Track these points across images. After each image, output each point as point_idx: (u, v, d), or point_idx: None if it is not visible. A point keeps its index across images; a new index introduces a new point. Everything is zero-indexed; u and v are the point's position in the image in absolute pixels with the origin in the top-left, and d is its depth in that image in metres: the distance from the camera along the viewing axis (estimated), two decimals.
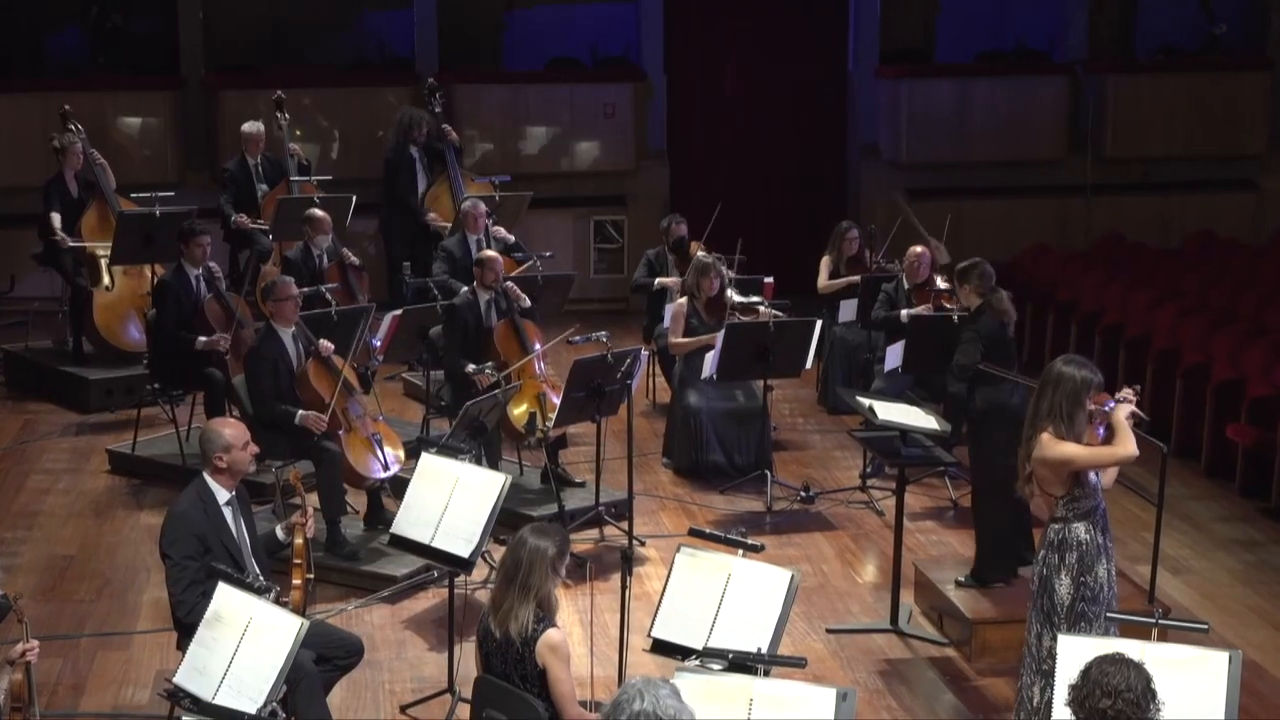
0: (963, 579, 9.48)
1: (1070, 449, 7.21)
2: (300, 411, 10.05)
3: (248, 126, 14.64)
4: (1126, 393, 7.51)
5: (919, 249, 12.58)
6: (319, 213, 12.82)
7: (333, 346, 10.47)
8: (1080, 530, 7.33)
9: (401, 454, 10.43)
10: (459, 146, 15.53)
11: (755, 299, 12.30)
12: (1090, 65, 18.01)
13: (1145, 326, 13.48)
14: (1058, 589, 7.34)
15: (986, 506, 9.46)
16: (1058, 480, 7.29)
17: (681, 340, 11.98)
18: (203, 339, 11.67)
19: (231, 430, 7.73)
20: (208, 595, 6.99)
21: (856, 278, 13.42)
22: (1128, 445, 7.24)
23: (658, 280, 13.55)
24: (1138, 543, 10.47)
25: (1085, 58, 18.12)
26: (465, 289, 11.52)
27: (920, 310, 12.21)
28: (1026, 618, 7.59)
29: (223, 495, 7.61)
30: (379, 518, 10.42)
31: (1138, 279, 14.83)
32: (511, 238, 13.67)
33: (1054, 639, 7.36)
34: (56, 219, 13.51)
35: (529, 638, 6.47)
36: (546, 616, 6.53)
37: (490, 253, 11.67)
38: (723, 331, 11.39)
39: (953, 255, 13.26)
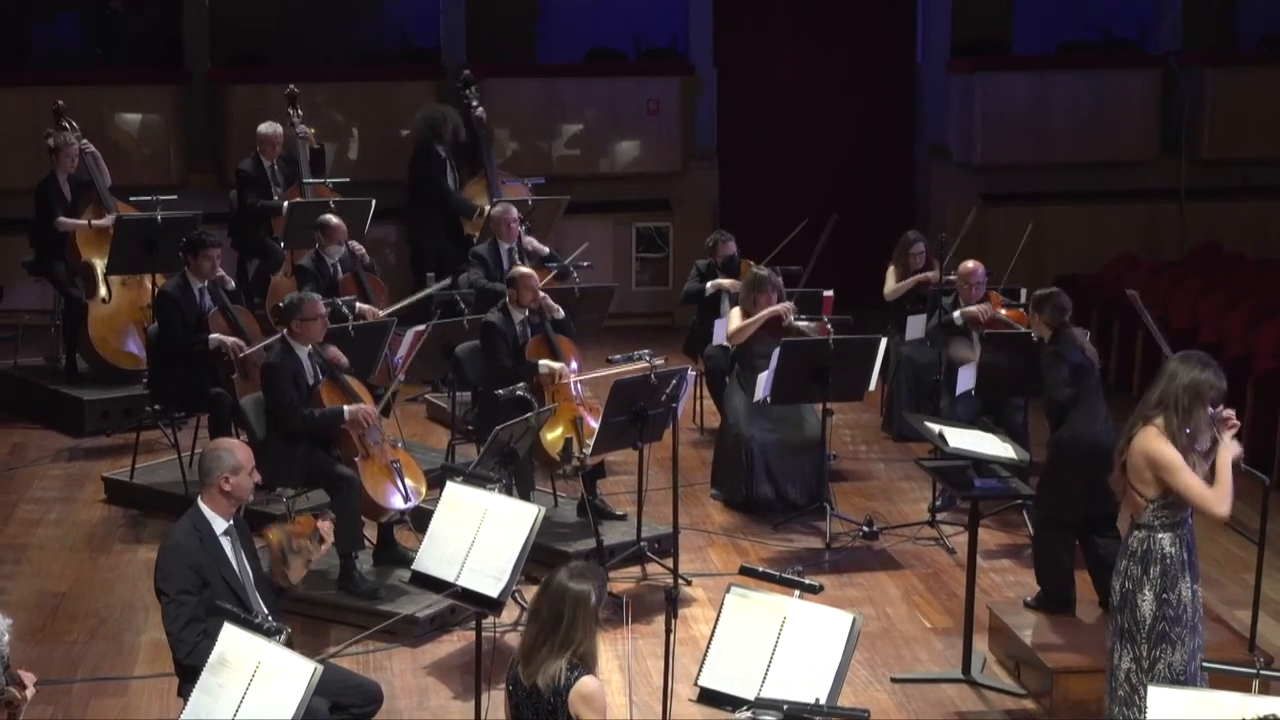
0: (1030, 599, 9.62)
1: (1173, 456, 7.21)
2: (348, 408, 10.10)
3: (265, 128, 14.69)
4: (1230, 414, 7.49)
5: (971, 264, 12.49)
6: (334, 219, 12.83)
7: (344, 360, 10.51)
8: (1165, 542, 7.35)
9: (423, 485, 10.45)
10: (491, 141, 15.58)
11: (813, 320, 12.23)
12: (1185, 57, 17.97)
13: (1245, 346, 13.43)
14: (1140, 605, 7.37)
15: (1051, 543, 9.52)
16: (1151, 480, 7.29)
17: (740, 324, 11.95)
18: (215, 336, 11.70)
19: (242, 451, 7.77)
20: (209, 634, 7.02)
21: (924, 275, 13.36)
22: (1223, 502, 7.25)
23: (711, 283, 13.52)
24: (1237, 585, 10.42)
25: (1180, 49, 18.09)
26: (495, 309, 11.53)
27: (976, 309, 12.16)
28: (1108, 638, 7.60)
29: (220, 524, 7.63)
30: (390, 553, 10.45)
31: (1236, 293, 14.78)
32: (545, 250, 13.65)
33: (1133, 660, 7.38)
34: (66, 221, 13.57)
35: (561, 687, 6.47)
36: (582, 664, 6.52)
37: (524, 269, 11.65)
38: (777, 351, 11.39)
39: (1032, 268, 13.22)
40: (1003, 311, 12.13)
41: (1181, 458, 7.24)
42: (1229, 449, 7.34)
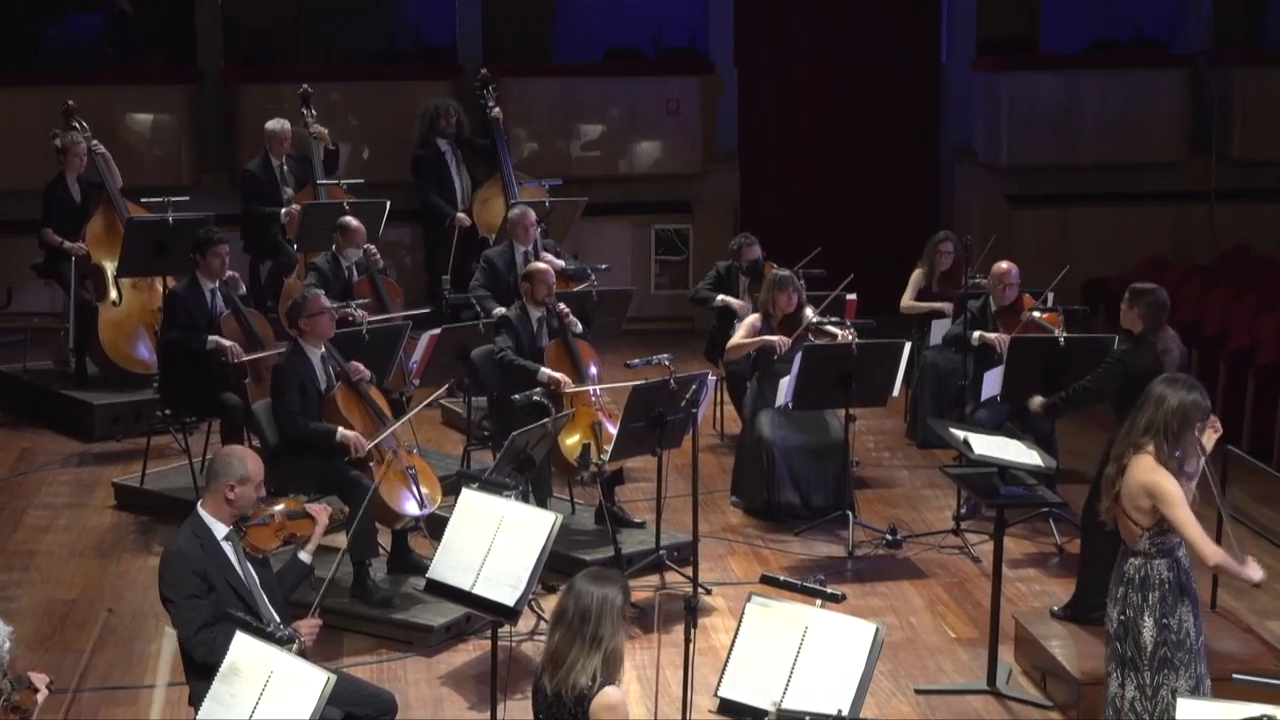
0: (1058, 609, 9.63)
1: (1175, 491, 7.21)
2: (341, 429, 10.09)
3: (272, 124, 14.71)
4: (1211, 434, 7.53)
5: (1005, 265, 12.48)
6: (353, 222, 12.81)
7: (367, 373, 10.49)
8: (1162, 568, 7.37)
9: (438, 492, 10.44)
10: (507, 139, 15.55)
11: (835, 320, 12.18)
12: (1214, 57, 17.93)
13: (1276, 351, 13.39)
14: (1142, 632, 7.38)
15: (1095, 548, 9.50)
16: (1148, 509, 7.30)
17: (739, 341, 11.97)
18: (213, 338, 11.67)
19: (254, 463, 7.73)
20: (223, 635, 7.03)
21: (940, 305, 13.41)
22: (1216, 556, 7.31)
23: (721, 297, 13.52)
24: (1268, 595, 10.38)
25: (1209, 48, 18.04)
26: (513, 305, 11.54)
27: (993, 337, 12.12)
28: (1105, 668, 7.59)
29: (220, 529, 7.63)
30: (404, 561, 10.45)
31: (1267, 297, 14.74)
32: (562, 263, 13.58)
33: (1137, 688, 7.37)
34: (52, 235, 13.58)
35: (583, 694, 6.46)
36: (608, 674, 6.51)
37: (540, 265, 11.67)
38: (799, 355, 11.38)
39: (1057, 270, 13.19)
40: (1037, 314, 12.10)
41: (1182, 492, 7.26)
42: (1254, 570, 7.37)
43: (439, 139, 15.37)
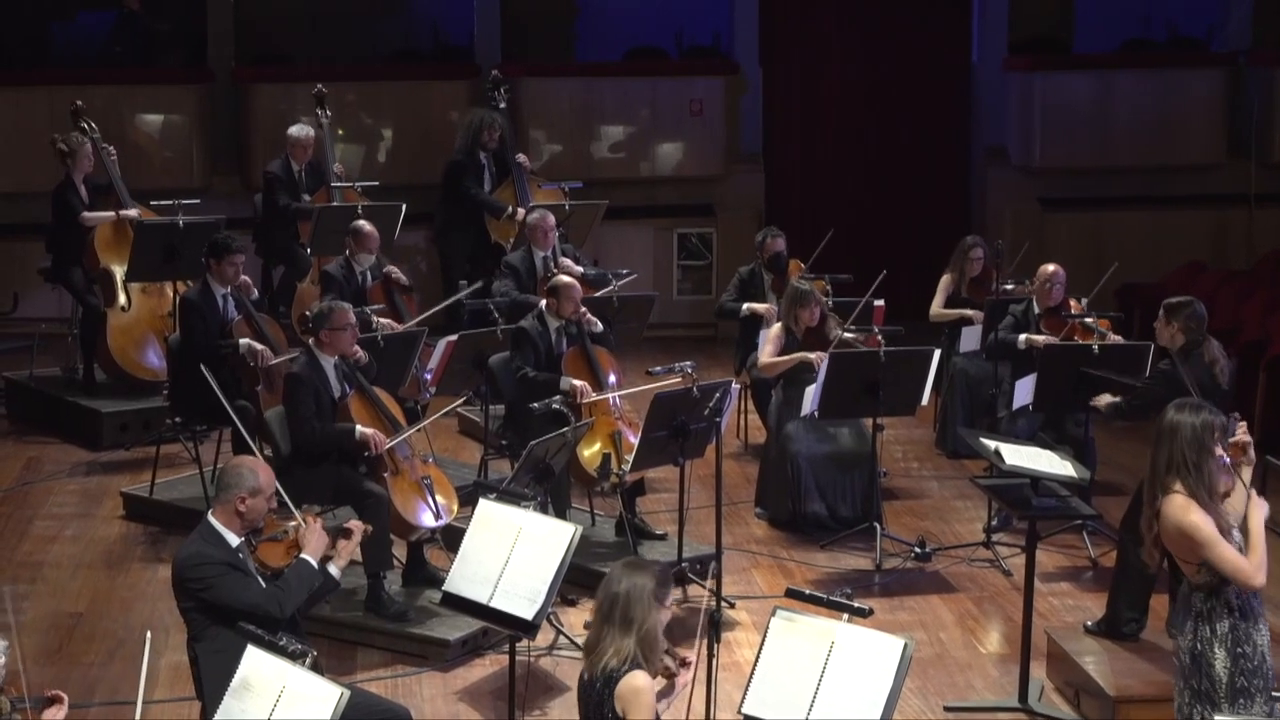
0: (1091, 624, 9.60)
1: (1208, 531, 7.16)
2: (359, 427, 10.09)
3: (296, 130, 14.71)
4: (1240, 438, 7.46)
5: (1052, 267, 12.49)
6: (366, 226, 12.82)
7: (364, 354, 10.47)
8: (1230, 595, 7.31)
9: (455, 502, 10.44)
10: (531, 169, 15.56)
11: (863, 329, 12.14)
12: (1254, 56, 17.91)
13: None
14: (1214, 664, 7.31)
15: (1135, 559, 9.47)
16: (1188, 549, 7.26)
17: (771, 359, 11.96)
18: (245, 340, 11.67)
19: (265, 475, 7.77)
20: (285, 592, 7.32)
21: (969, 312, 13.40)
22: (1259, 572, 7.19)
23: (746, 306, 13.51)
24: None
25: (1248, 47, 18.02)
26: (529, 317, 11.54)
27: (1041, 340, 12.11)
28: (1175, 703, 7.54)
29: (233, 539, 7.67)
30: (420, 574, 10.45)
31: None
32: (580, 268, 13.57)
33: None
34: (88, 216, 13.60)
35: (611, 675, 6.53)
36: (645, 656, 6.60)
37: (566, 279, 11.61)
38: (826, 363, 11.36)
39: (1091, 276, 13.18)
40: (1089, 319, 12.09)
41: (1215, 529, 7.19)
42: (1258, 509, 7.31)
43: (480, 151, 15.38)
